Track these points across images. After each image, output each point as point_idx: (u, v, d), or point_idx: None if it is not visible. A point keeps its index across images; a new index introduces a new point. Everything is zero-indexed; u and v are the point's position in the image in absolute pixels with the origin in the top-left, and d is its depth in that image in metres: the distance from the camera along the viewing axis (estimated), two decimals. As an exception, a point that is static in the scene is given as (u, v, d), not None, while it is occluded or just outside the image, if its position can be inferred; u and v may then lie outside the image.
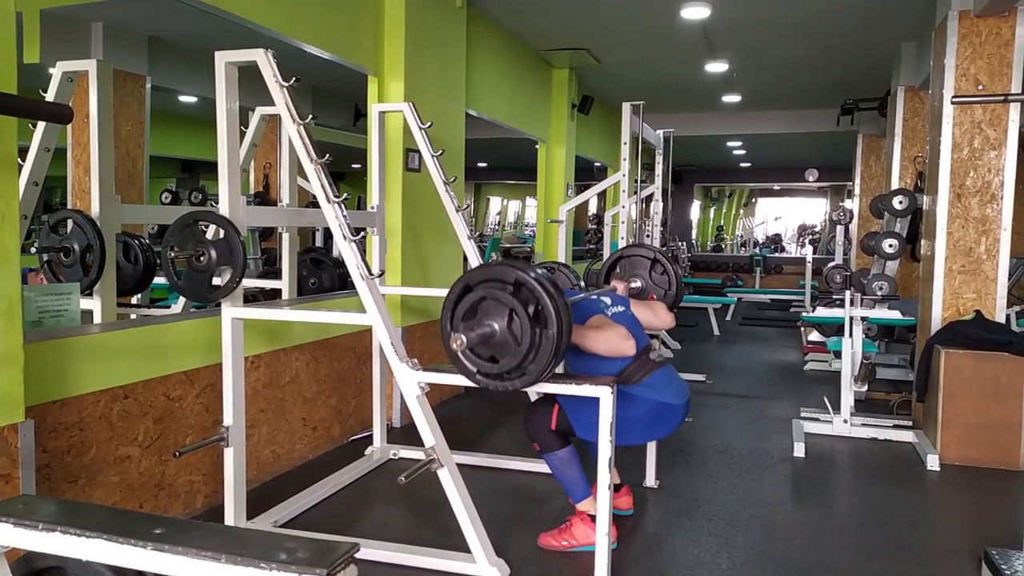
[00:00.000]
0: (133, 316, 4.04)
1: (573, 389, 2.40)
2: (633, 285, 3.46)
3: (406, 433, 4.21)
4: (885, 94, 7.13)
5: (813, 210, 22.47)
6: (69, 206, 4.49)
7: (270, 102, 2.53)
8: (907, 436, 4.23)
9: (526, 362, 2.25)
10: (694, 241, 18.27)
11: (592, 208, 13.24)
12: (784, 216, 23.09)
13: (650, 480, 3.44)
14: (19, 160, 2.28)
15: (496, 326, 2.26)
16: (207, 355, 3.00)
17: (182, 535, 1.18)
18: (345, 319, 2.72)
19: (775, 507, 3.29)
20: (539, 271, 2.28)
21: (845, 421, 4.33)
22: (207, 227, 2.63)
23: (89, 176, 3.53)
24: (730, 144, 13.46)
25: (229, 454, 2.67)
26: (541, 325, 2.23)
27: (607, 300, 2.93)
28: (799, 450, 4.00)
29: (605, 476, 2.33)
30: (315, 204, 2.65)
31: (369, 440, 3.83)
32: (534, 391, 3.55)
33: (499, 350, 2.28)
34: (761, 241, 21.53)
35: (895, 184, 6.34)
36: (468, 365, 2.33)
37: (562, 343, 2.24)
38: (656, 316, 3.13)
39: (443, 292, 4.43)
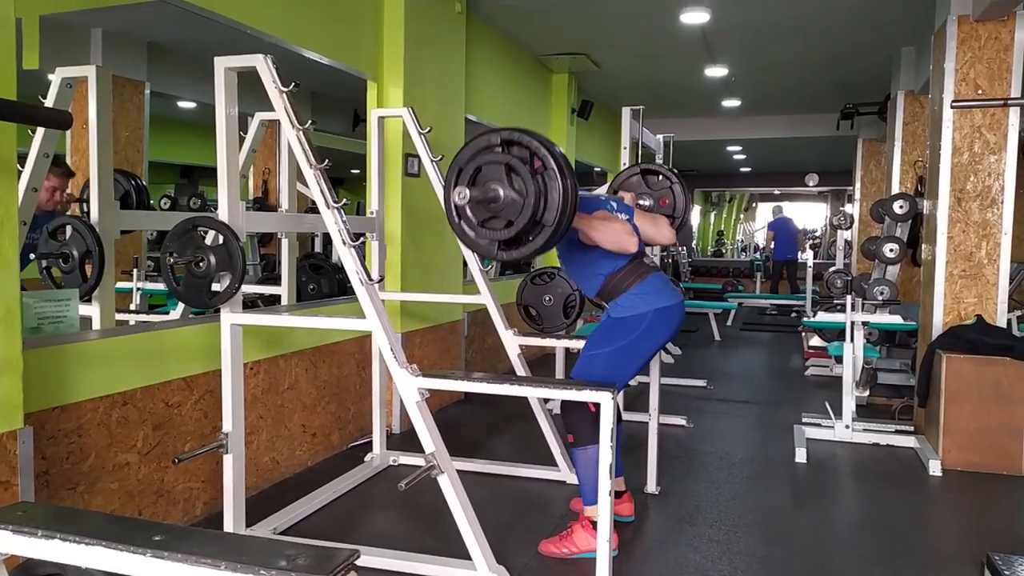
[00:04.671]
0: (132, 322, 4.03)
1: (573, 395, 2.39)
2: (641, 202, 3.37)
3: (406, 439, 4.19)
4: (885, 98, 7.14)
5: (814, 215, 22.50)
6: (68, 212, 4.49)
7: (269, 107, 2.52)
8: (909, 441, 4.22)
9: (539, 212, 2.24)
10: (694, 246, 18.27)
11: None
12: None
13: (651, 486, 3.43)
14: (18, 166, 2.27)
15: (500, 189, 2.25)
16: (206, 361, 2.99)
17: (181, 542, 1.18)
18: (344, 325, 2.72)
19: (777, 513, 3.28)
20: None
21: (847, 426, 4.32)
22: (206, 233, 2.63)
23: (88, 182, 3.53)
24: (730, 149, 13.49)
25: (228, 461, 2.66)
26: (540, 171, 2.23)
27: (613, 204, 2.90)
28: (801, 455, 3.99)
29: (606, 482, 2.32)
30: (314, 210, 2.64)
31: (369, 446, 3.82)
32: (535, 398, 3.56)
33: (509, 211, 2.26)
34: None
35: (895, 188, 6.34)
36: (484, 242, 2.33)
37: (568, 184, 2.24)
38: (657, 229, 3.01)
39: (442, 298, 4.49)
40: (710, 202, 21.88)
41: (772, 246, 12.81)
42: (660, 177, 3.43)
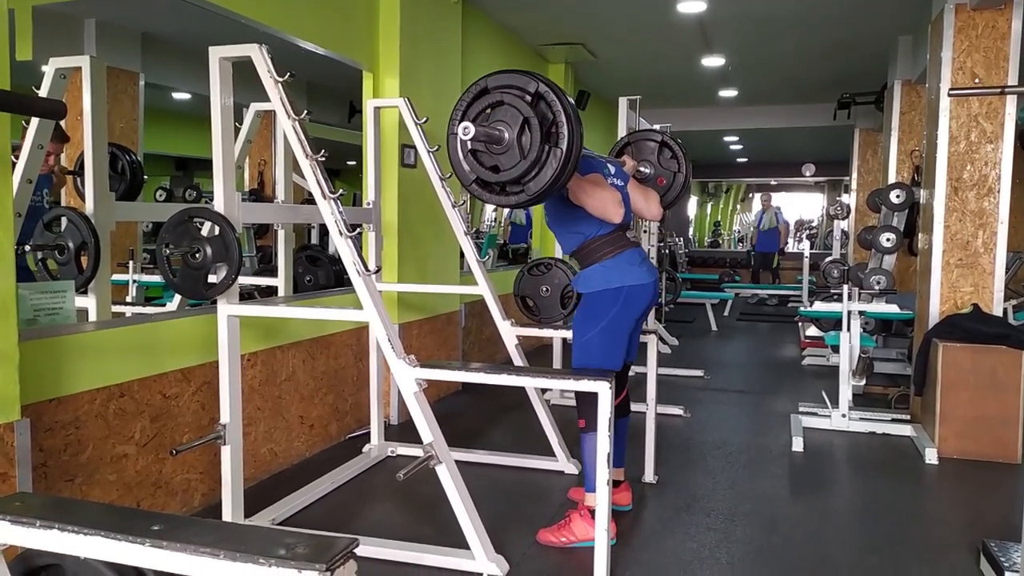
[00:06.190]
0: (128, 314, 4.02)
1: (570, 384, 2.39)
2: (642, 170, 3.33)
3: (404, 430, 4.20)
4: (882, 88, 7.13)
5: (810, 205, 22.49)
6: (63, 204, 4.47)
7: (265, 98, 2.51)
8: (905, 430, 4.23)
9: (527, 177, 2.19)
10: (691, 237, 18.26)
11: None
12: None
13: (649, 476, 3.44)
14: (12, 158, 2.26)
15: (506, 133, 2.18)
16: (203, 353, 2.98)
17: (180, 531, 1.17)
18: (342, 316, 2.72)
19: (774, 501, 3.29)
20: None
21: (843, 415, 4.33)
22: (202, 224, 2.62)
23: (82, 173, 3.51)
24: (727, 139, 13.47)
25: (226, 452, 2.66)
26: (552, 143, 2.18)
27: (611, 168, 2.88)
28: (798, 445, 4.00)
29: (604, 471, 2.32)
30: (311, 201, 2.64)
31: (367, 437, 3.82)
32: (532, 388, 3.56)
33: (503, 159, 2.20)
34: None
35: (892, 178, 6.34)
36: (466, 168, 2.25)
37: (567, 168, 2.20)
38: (647, 204, 3.00)
39: (440, 288, 4.48)
40: (707, 192, 21.86)
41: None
42: (671, 158, 3.40)
